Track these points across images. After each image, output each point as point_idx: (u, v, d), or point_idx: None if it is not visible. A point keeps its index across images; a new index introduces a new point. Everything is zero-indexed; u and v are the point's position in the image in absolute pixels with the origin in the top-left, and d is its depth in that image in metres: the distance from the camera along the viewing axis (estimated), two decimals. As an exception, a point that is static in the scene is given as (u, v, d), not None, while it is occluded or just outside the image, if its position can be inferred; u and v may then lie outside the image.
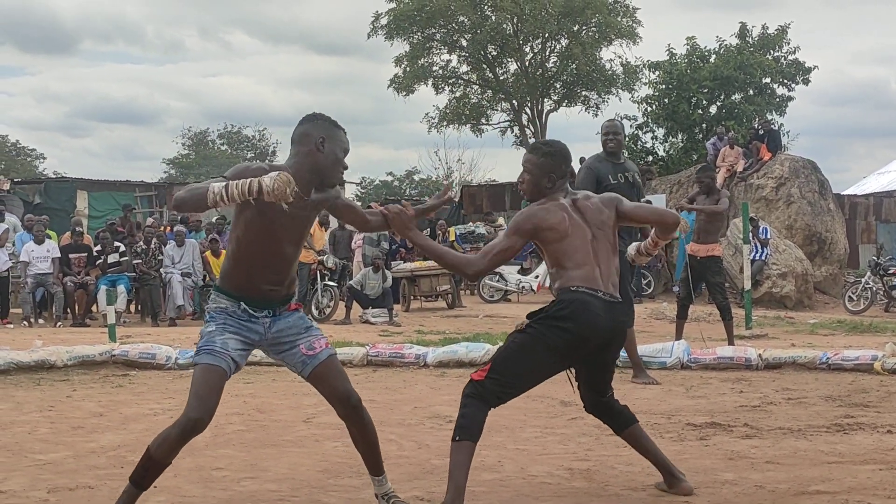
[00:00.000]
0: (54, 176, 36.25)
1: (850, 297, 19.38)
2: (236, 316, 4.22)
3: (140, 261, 16.86)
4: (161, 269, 16.84)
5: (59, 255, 16.47)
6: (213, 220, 19.57)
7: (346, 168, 4.36)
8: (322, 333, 4.46)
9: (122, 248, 16.72)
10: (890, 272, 19.49)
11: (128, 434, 6.40)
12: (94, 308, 16.72)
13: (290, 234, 4.21)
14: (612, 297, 4.48)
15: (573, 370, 4.70)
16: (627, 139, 28.01)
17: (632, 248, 5.15)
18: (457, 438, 4.34)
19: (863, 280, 19.49)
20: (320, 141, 4.22)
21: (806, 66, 29.11)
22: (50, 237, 17.04)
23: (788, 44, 29.21)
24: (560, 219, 4.55)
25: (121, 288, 15.98)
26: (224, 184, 3.84)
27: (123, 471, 5.31)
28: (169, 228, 18.67)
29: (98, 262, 16.50)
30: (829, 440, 6.03)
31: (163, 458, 4.12)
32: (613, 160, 8.66)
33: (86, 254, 16.71)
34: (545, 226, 4.54)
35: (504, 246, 4.59)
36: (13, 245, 17.20)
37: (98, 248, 16.68)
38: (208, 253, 17.16)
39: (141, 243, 17.12)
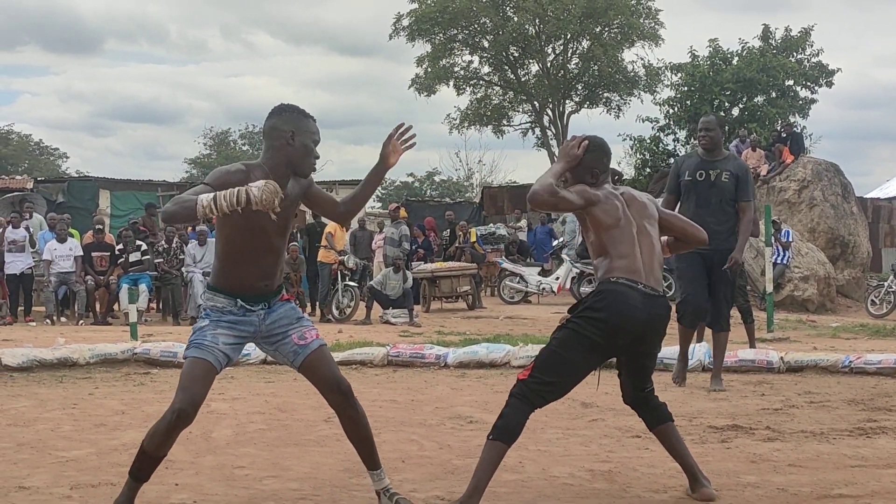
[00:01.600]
0: (77, 175, 36.44)
1: (872, 300, 19.26)
2: (232, 313, 4.30)
3: (162, 259, 16.93)
4: (183, 269, 16.92)
5: (81, 253, 16.57)
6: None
7: (317, 157, 4.46)
8: (313, 325, 4.53)
9: (145, 246, 16.78)
10: (913, 276, 19.35)
11: (150, 432, 6.43)
12: (115, 307, 16.80)
13: (276, 227, 4.28)
14: (652, 290, 4.50)
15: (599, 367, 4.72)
16: (649, 141, 27.99)
17: None
18: (490, 437, 4.37)
19: (886, 284, 19.35)
20: (290, 134, 4.31)
21: (829, 68, 29.03)
22: (73, 236, 17.14)
23: (811, 46, 29.17)
24: (615, 205, 4.58)
25: (143, 286, 16.05)
26: (212, 196, 3.89)
27: (146, 468, 5.34)
28: (191, 228, 18.74)
29: (120, 261, 16.59)
30: (852, 444, 6.00)
31: (154, 452, 4.23)
32: (705, 156, 8.43)
33: (108, 253, 16.80)
34: (602, 204, 4.54)
35: (569, 194, 4.53)
36: (36, 243, 17.32)
37: (120, 246, 16.76)
38: (229, 252, 17.19)
39: (163, 242, 17.20)
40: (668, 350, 9.62)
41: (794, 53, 29.01)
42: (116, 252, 16.75)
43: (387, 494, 4.48)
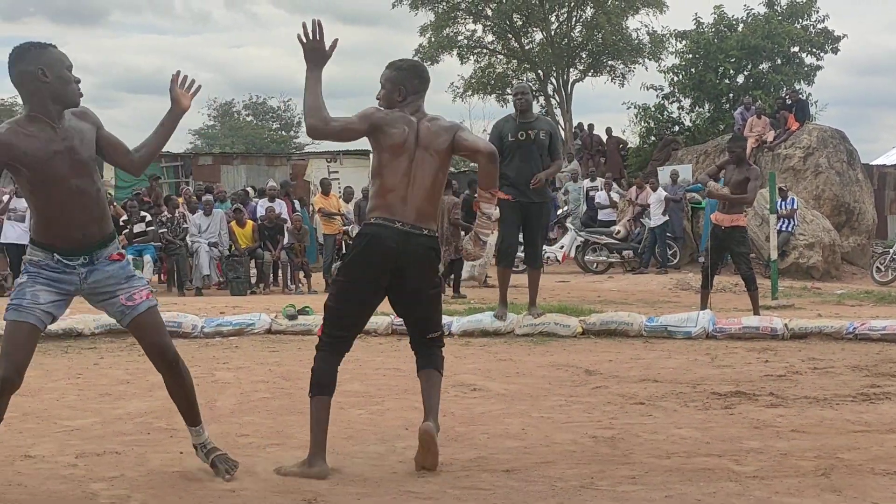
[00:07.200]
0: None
1: (877, 267, 19.23)
2: (49, 268, 4.16)
3: (166, 230, 16.93)
4: (187, 238, 16.91)
5: (86, 225, 16.54)
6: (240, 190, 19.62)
7: (78, 81, 4.23)
8: (145, 285, 4.42)
9: (149, 217, 16.78)
10: (918, 243, 19.34)
11: (154, 401, 6.44)
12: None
13: (73, 169, 4.11)
14: (411, 228, 4.50)
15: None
16: (654, 109, 27.91)
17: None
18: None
19: (891, 251, 19.33)
20: (40, 72, 4.09)
21: (835, 34, 28.80)
22: (77, 207, 17.11)
23: (817, 12, 28.90)
24: (401, 130, 4.58)
25: (147, 257, 16.06)
26: None
27: (150, 437, 5.37)
28: (197, 198, 18.68)
29: (124, 232, 16.58)
30: (856, 409, 6.01)
31: None
32: (521, 118, 9.57)
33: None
34: (384, 124, 4.56)
35: (350, 120, 4.59)
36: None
37: (125, 218, 16.76)
38: (233, 223, 17.21)
39: (166, 213, 17.19)
40: (673, 318, 9.66)
41: (800, 20, 28.77)
42: (121, 223, 16.74)
43: (203, 450, 4.58)
